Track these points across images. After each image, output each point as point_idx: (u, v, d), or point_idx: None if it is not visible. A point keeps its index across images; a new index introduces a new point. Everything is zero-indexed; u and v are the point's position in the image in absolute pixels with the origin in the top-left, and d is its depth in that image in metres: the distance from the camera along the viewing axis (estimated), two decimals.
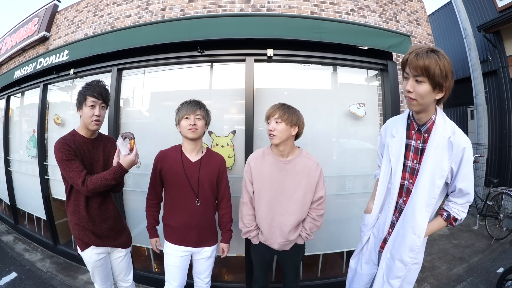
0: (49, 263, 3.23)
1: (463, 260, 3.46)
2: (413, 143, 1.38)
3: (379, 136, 1.63)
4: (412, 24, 4.33)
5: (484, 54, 7.04)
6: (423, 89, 1.16)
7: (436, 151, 1.27)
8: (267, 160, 1.76)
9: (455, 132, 1.26)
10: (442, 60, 1.14)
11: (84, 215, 1.67)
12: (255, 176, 1.77)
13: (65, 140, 1.60)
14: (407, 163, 1.40)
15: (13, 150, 4.34)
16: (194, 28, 2.28)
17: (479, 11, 7.31)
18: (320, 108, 2.70)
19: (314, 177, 1.72)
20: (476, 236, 4.29)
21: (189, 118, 1.73)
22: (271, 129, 1.66)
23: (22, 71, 3.57)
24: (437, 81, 1.14)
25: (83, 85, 1.68)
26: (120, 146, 1.56)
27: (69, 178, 1.57)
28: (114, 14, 4.12)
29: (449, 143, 1.24)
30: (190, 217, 1.80)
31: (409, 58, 1.18)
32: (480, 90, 6.28)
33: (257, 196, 1.78)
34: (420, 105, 1.22)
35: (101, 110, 1.67)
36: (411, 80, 1.19)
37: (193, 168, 1.81)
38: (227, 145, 2.54)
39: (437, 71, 1.12)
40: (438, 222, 1.38)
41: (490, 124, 6.78)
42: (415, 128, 1.37)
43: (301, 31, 2.25)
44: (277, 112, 1.66)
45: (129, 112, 2.95)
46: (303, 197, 1.72)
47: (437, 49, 1.17)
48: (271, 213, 1.75)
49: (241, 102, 2.49)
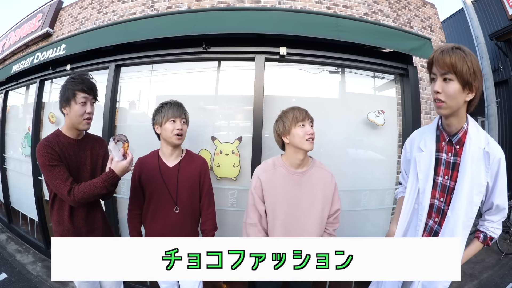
0: (40, 267, 3.12)
1: (473, 276, 3.38)
2: (444, 157, 1.23)
3: (404, 151, 1.48)
4: (425, 30, 4.22)
5: (496, 63, 6.93)
6: (452, 88, 1.07)
7: (472, 164, 1.14)
8: (279, 172, 1.55)
9: (489, 142, 1.15)
10: (469, 56, 1.06)
11: (69, 226, 1.49)
12: (267, 192, 1.55)
13: (48, 142, 1.42)
14: (438, 180, 1.25)
15: (9, 147, 4.25)
16: (199, 21, 2.11)
17: (491, 19, 7.23)
18: (335, 115, 2.55)
19: (330, 188, 1.58)
20: (486, 251, 4.14)
21: (176, 121, 1.66)
22: (311, 132, 1.49)
23: (20, 65, 3.48)
24: (466, 79, 1.05)
25: (67, 80, 1.50)
26: (112, 150, 1.38)
27: (53, 186, 1.39)
28: (118, 11, 4.04)
29: (485, 154, 1.13)
30: (168, 225, 1.70)
31: (434, 56, 1.11)
32: (492, 100, 6.14)
33: (270, 215, 1.56)
34: (450, 108, 1.11)
35: (91, 107, 1.52)
36: (439, 80, 1.10)
37: (171, 174, 1.72)
38: (232, 153, 2.36)
39: (464, 67, 1.04)
40: (475, 246, 1.26)
41: (501, 135, 6.65)
42: (445, 139, 1.23)
43: (317, 28, 2.08)
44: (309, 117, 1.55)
45: (129, 115, 2.81)
46: (321, 211, 1.56)
47: (462, 46, 1.09)
48: (288, 234, 1.53)
49: (249, 108, 2.33)
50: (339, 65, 2.45)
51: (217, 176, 2.37)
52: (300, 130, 1.48)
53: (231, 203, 2.40)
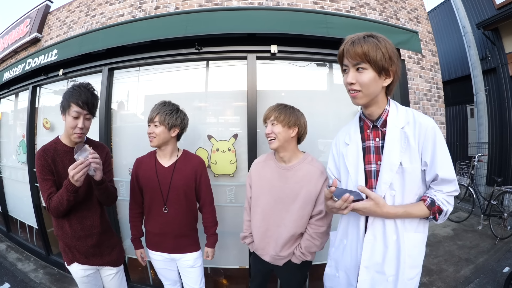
0: (42, 274, 3.13)
1: (469, 261, 3.47)
2: (371, 143, 1.18)
3: (330, 152, 1.36)
4: (412, 22, 4.27)
5: (483, 52, 7.01)
6: (367, 77, 1.04)
7: (392, 144, 1.10)
8: (268, 165, 1.65)
9: (413, 119, 1.10)
10: (383, 42, 1.02)
11: (67, 230, 1.52)
12: (254, 181, 1.68)
13: (43, 152, 1.46)
14: (371, 168, 1.16)
15: (4, 155, 4.21)
16: (191, 23, 2.14)
17: (478, 8, 7.28)
18: (326, 109, 2.57)
19: (315, 186, 1.51)
20: (481, 236, 4.31)
21: (150, 125, 1.71)
22: (268, 132, 1.54)
23: (11, 72, 3.45)
24: (381, 65, 1.02)
25: (70, 87, 1.49)
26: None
27: (42, 196, 1.44)
28: (106, 13, 4.01)
29: (401, 134, 1.09)
30: (164, 224, 1.76)
31: (345, 49, 1.06)
32: (481, 88, 6.25)
33: (254, 202, 1.67)
34: (366, 96, 1.08)
35: (86, 122, 1.47)
36: (352, 70, 1.06)
37: (166, 174, 1.75)
38: (228, 150, 2.40)
39: (378, 54, 1.00)
40: (419, 208, 1.08)
41: (490, 122, 6.74)
42: (369, 126, 1.18)
43: (307, 26, 2.13)
44: (272, 113, 1.55)
45: (123, 116, 2.81)
46: (301, 209, 1.52)
47: (374, 33, 1.06)
48: (266, 223, 1.60)
49: (242, 104, 2.36)
50: (330, 61, 2.48)
51: (214, 174, 2.41)
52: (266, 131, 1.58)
53: (229, 199, 2.44)
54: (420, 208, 1.08)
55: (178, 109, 1.77)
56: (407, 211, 1.08)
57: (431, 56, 4.31)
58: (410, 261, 1.12)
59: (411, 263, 1.12)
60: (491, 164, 6.54)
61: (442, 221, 1.13)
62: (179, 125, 1.74)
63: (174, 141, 1.79)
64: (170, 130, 1.71)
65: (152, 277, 2.75)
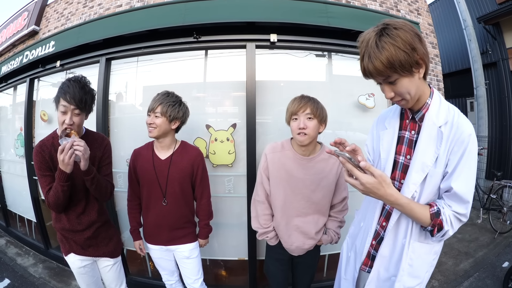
0: (42, 268, 3.12)
1: (468, 255, 3.45)
2: (407, 135, 1.11)
3: (371, 130, 1.32)
4: (413, 14, 4.21)
5: (484, 46, 6.96)
6: (402, 85, 0.94)
7: (427, 142, 1.02)
8: (286, 156, 1.58)
9: (454, 118, 1.00)
10: (397, 38, 0.88)
11: (65, 223, 1.52)
12: (272, 171, 1.59)
13: (41, 148, 1.43)
14: (399, 159, 1.12)
15: (2, 149, 4.19)
16: (189, 11, 2.11)
17: (479, 2, 7.22)
18: (327, 99, 2.53)
19: (336, 176, 1.57)
20: (480, 230, 4.28)
21: (150, 115, 1.66)
22: (303, 127, 1.43)
23: (9, 66, 3.42)
24: (409, 64, 0.90)
25: (64, 80, 1.43)
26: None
27: (42, 193, 1.44)
28: (104, 4, 3.95)
29: (438, 133, 1.00)
30: (161, 217, 1.74)
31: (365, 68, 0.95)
32: (481, 81, 6.22)
33: (273, 194, 1.61)
34: (413, 99, 1.00)
35: (75, 117, 1.39)
36: (385, 85, 0.98)
37: (163, 166, 1.72)
38: (226, 140, 2.37)
39: (401, 55, 0.88)
40: (422, 209, 0.99)
41: (490, 116, 6.72)
42: (409, 116, 1.11)
43: (307, 15, 2.11)
44: (308, 106, 1.45)
45: (121, 107, 2.78)
46: (322, 198, 1.58)
47: (382, 26, 0.92)
48: (286, 215, 1.59)
49: (241, 94, 2.33)
50: (329, 50, 2.46)
51: (213, 164, 2.39)
52: (294, 124, 1.50)
53: (228, 190, 2.43)
54: (424, 211, 0.99)
55: (181, 102, 1.73)
56: (411, 206, 0.98)
57: (432, 49, 4.27)
58: (410, 270, 1.08)
59: (410, 272, 1.09)
60: (490, 158, 6.53)
61: (437, 241, 1.06)
62: (180, 118, 1.70)
63: (173, 133, 1.75)
64: (171, 122, 1.66)
65: (151, 269, 2.75)
